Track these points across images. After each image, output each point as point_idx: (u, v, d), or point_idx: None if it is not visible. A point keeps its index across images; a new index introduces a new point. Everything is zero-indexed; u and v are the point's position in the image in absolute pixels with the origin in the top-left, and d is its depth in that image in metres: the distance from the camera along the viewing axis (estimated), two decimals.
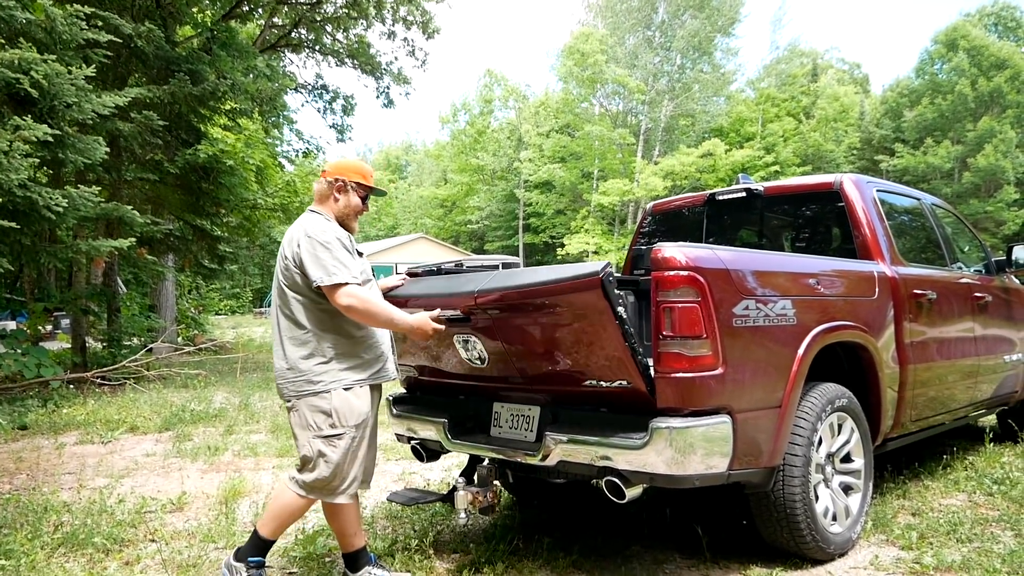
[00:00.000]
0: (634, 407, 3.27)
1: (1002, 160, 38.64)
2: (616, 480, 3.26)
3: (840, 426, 4.00)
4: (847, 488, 4.04)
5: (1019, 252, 5.89)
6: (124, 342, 13.58)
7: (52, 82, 7.87)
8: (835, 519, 3.88)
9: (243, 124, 16.17)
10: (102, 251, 9.14)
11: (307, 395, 3.37)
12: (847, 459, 4.05)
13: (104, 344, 13.63)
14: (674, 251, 3.24)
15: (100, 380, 10.92)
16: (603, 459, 3.28)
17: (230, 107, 13.32)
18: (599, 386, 3.39)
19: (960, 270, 5.53)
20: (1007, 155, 38.84)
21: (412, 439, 4.25)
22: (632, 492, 3.29)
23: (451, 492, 3.98)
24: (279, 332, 3.46)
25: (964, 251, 6.02)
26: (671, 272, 3.20)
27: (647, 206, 6.30)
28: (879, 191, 4.94)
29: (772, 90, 49.40)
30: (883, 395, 4.28)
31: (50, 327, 18.59)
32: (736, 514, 4.19)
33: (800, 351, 3.63)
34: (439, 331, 3.51)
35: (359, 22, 18.87)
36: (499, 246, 52.71)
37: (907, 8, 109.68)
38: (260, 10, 17.30)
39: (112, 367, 11.27)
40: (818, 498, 3.77)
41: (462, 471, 4.19)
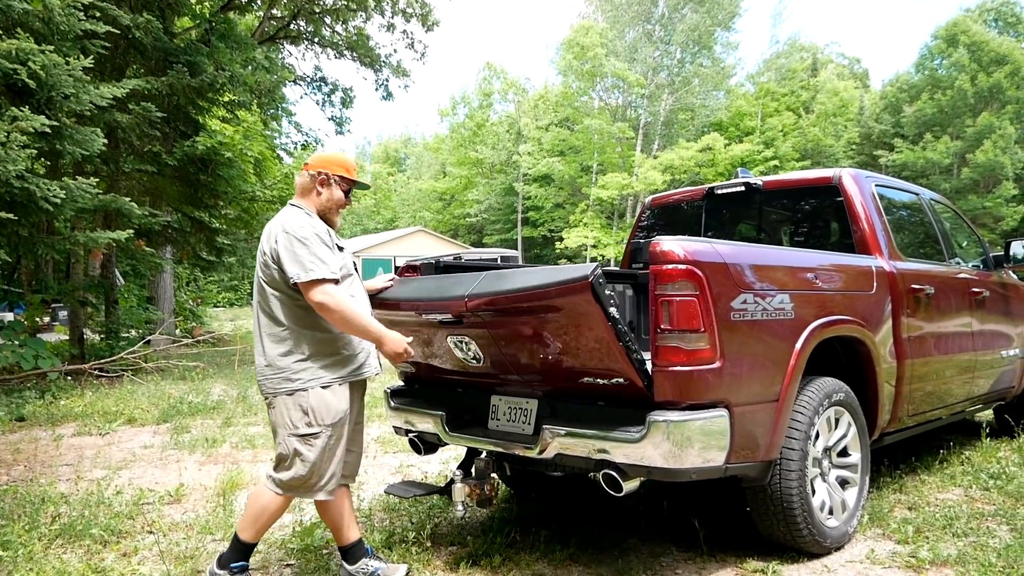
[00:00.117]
0: (631, 401, 3.27)
1: (1001, 156, 38.63)
2: (613, 473, 3.27)
3: (837, 420, 4.01)
4: (844, 482, 4.05)
5: (1017, 248, 5.90)
6: (122, 334, 13.57)
7: (50, 73, 7.85)
8: (832, 513, 3.89)
9: (241, 116, 16.16)
10: (100, 243, 9.13)
11: (284, 393, 3.33)
12: (844, 453, 4.06)
13: (102, 336, 13.63)
14: (672, 245, 3.23)
15: (98, 372, 10.91)
16: (600, 452, 3.28)
17: (228, 99, 13.30)
18: (596, 383, 3.39)
19: (958, 265, 5.53)
20: (1006, 151, 38.83)
21: (410, 432, 4.25)
22: (629, 485, 3.29)
23: (449, 485, 3.98)
24: (259, 328, 3.42)
25: (962, 246, 6.02)
26: (669, 266, 3.20)
27: (646, 200, 6.30)
28: (878, 186, 4.95)
29: (772, 84, 49.30)
30: (880, 390, 4.29)
31: (48, 319, 18.59)
32: (733, 507, 4.20)
33: (798, 345, 3.63)
34: (409, 355, 3.45)
35: (358, 14, 18.87)
36: (498, 239, 52.68)
37: (907, 3, 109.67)
38: (259, 1, 17.27)
39: (110, 359, 11.27)
40: (815, 492, 3.78)
41: (460, 464, 4.19)
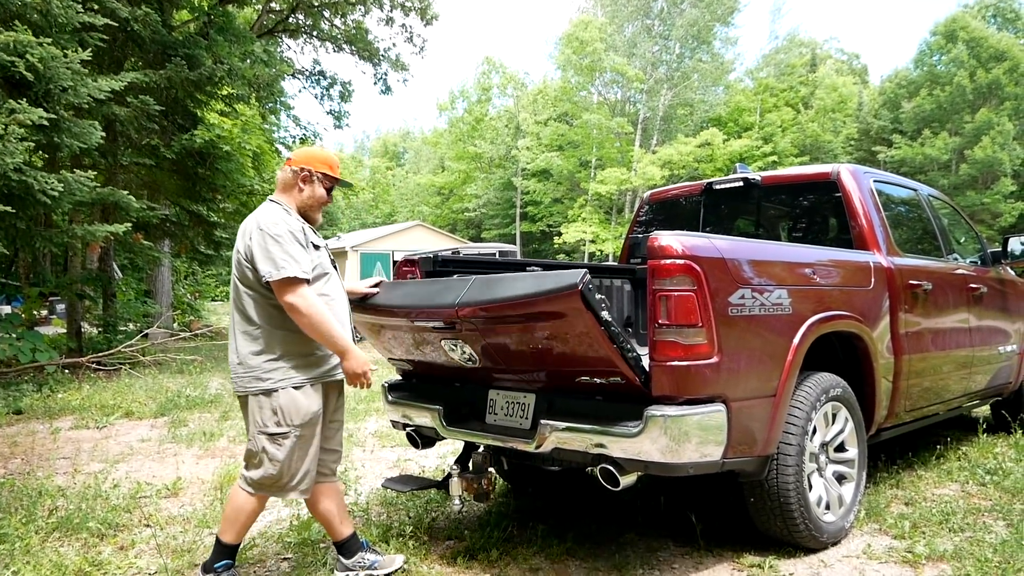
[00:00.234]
0: (629, 396, 3.27)
1: (999, 152, 38.57)
2: (611, 468, 3.26)
3: (834, 415, 4.01)
4: (841, 477, 4.06)
5: (1015, 243, 5.90)
6: (120, 327, 13.58)
7: (48, 66, 7.84)
8: (828, 508, 3.90)
9: (240, 110, 16.12)
10: (98, 236, 9.13)
11: (255, 392, 3.30)
12: (841, 448, 4.07)
13: (99, 329, 13.63)
14: (670, 239, 3.23)
15: (95, 365, 10.91)
16: (598, 447, 3.28)
17: (227, 92, 13.28)
18: (593, 381, 3.40)
19: (956, 261, 5.54)
20: (1004, 147, 38.77)
21: (407, 426, 4.25)
22: (626, 480, 3.29)
23: (446, 479, 3.99)
24: (233, 325, 3.38)
25: (960, 242, 6.02)
26: (667, 260, 3.20)
27: (644, 195, 6.29)
28: (876, 182, 4.94)
29: (771, 80, 49.24)
30: (877, 385, 4.30)
31: (45, 312, 18.60)
32: (730, 502, 4.20)
33: (795, 340, 3.64)
34: (368, 382, 3.38)
35: (357, 7, 18.82)
36: (496, 234, 52.58)
37: None
38: None
39: (107, 352, 11.27)
40: (812, 487, 3.79)
41: (457, 458, 4.19)
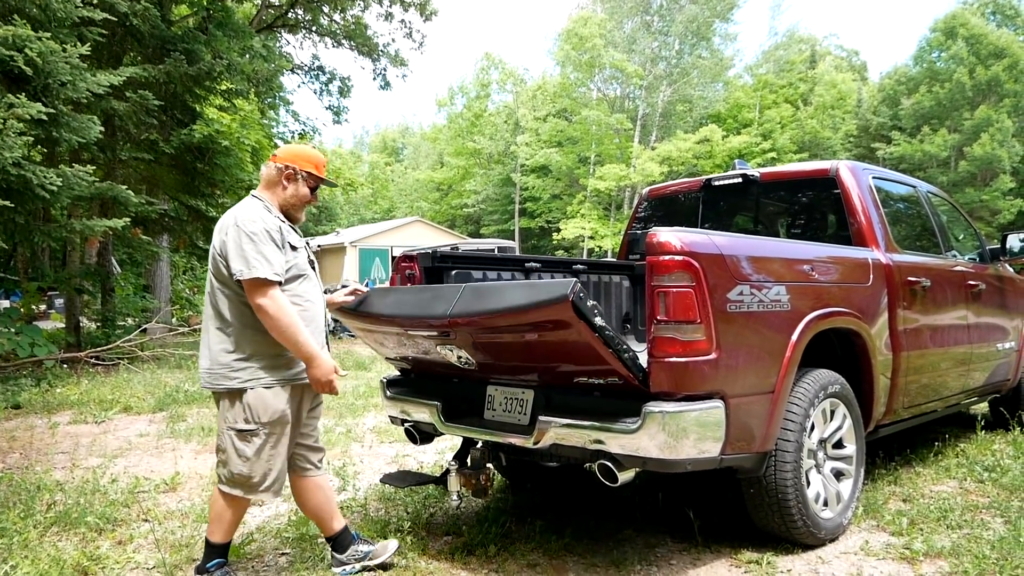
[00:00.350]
0: (627, 392, 3.27)
1: (998, 149, 38.56)
2: (609, 464, 3.27)
3: (832, 412, 4.01)
4: (838, 474, 4.06)
5: (1013, 240, 5.91)
6: (118, 322, 13.56)
7: (46, 60, 7.82)
8: (826, 505, 3.90)
9: (239, 105, 16.10)
10: (96, 231, 9.11)
11: (223, 390, 3.27)
12: (839, 445, 4.07)
13: (98, 324, 13.62)
14: (669, 236, 3.23)
15: (94, 360, 10.91)
16: (596, 443, 3.28)
17: (226, 87, 13.26)
18: (590, 381, 3.40)
19: (954, 258, 5.54)
20: (1003, 144, 38.77)
21: (406, 421, 4.25)
22: (625, 476, 3.30)
23: (444, 474, 3.99)
24: (206, 320, 3.35)
25: (959, 239, 6.02)
26: (666, 257, 3.20)
27: (643, 191, 6.29)
28: (875, 178, 4.94)
29: (770, 76, 49.22)
30: (876, 382, 4.30)
31: (44, 306, 18.57)
32: (728, 498, 4.21)
33: (794, 337, 3.64)
34: (334, 390, 3.35)
35: (356, 2, 18.80)
36: (495, 230, 52.59)
37: None
38: None
39: (106, 347, 11.26)
40: (810, 483, 3.79)
41: (455, 454, 4.20)
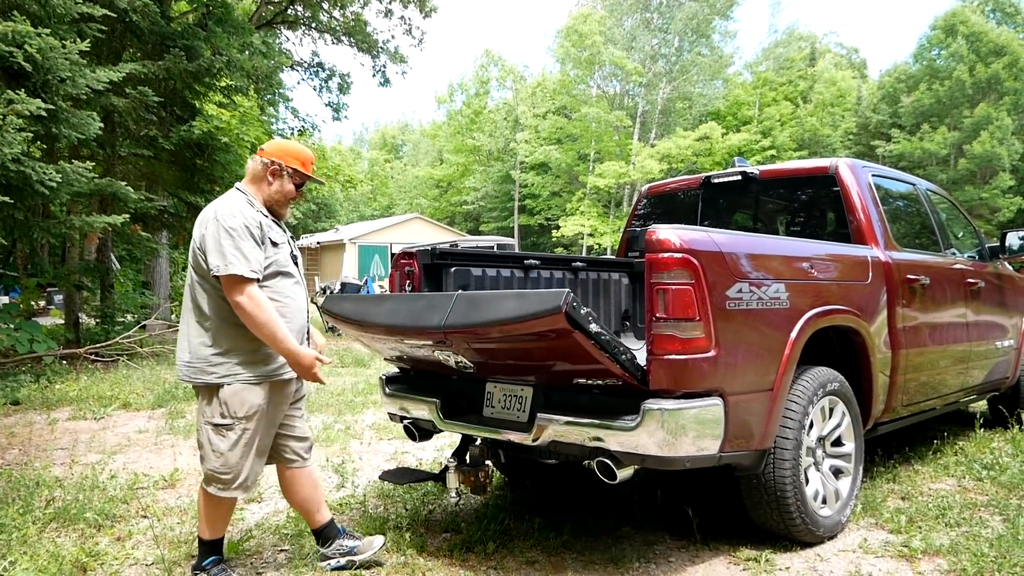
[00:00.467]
0: (626, 390, 3.27)
1: (998, 147, 38.57)
2: (608, 461, 3.27)
3: (831, 410, 4.02)
4: (837, 472, 4.06)
5: (1012, 238, 5.91)
6: (117, 318, 13.53)
7: (46, 56, 7.81)
8: (825, 502, 3.90)
9: (238, 101, 16.06)
10: (96, 227, 9.10)
11: (201, 384, 3.26)
12: (838, 443, 4.07)
13: (97, 320, 13.59)
14: (668, 233, 3.23)
15: (93, 356, 10.90)
16: (595, 440, 3.28)
17: (225, 84, 13.23)
18: (589, 382, 3.40)
19: (954, 256, 5.54)
20: (1003, 142, 38.78)
21: (405, 418, 4.24)
22: (623, 473, 3.30)
23: (443, 472, 3.99)
24: (185, 314, 3.33)
25: (958, 237, 6.02)
26: (665, 254, 3.20)
27: (642, 188, 6.29)
28: (874, 176, 4.94)
29: (770, 74, 49.18)
30: (875, 379, 4.30)
31: (43, 302, 18.55)
32: (727, 496, 4.21)
33: (793, 335, 3.64)
34: (320, 381, 3.34)
35: None
36: (494, 227, 52.61)
37: None
38: None
39: (105, 343, 11.25)
40: (808, 481, 3.79)
41: (454, 451, 4.19)
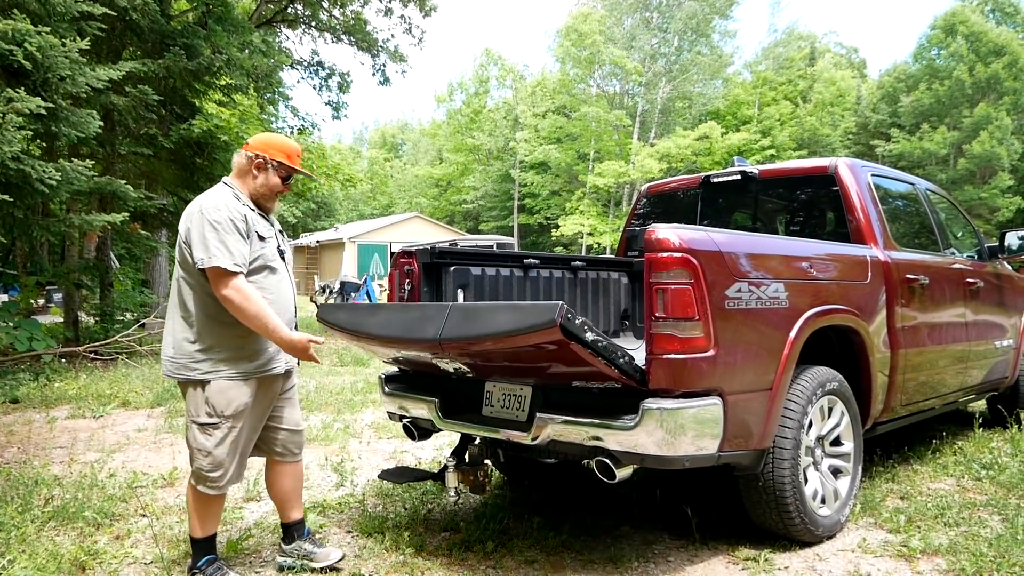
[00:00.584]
0: (625, 389, 3.27)
1: (997, 147, 38.58)
2: (607, 460, 3.27)
3: (830, 409, 4.02)
4: (836, 471, 4.06)
5: (1011, 238, 5.91)
6: (117, 317, 13.52)
7: (46, 54, 7.80)
8: (824, 502, 3.90)
9: (238, 100, 16.06)
10: (95, 225, 9.09)
11: (184, 380, 3.25)
12: (837, 442, 4.07)
13: (97, 318, 13.58)
14: (668, 233, 3.23)
15: (92, 354, 10.89)
16: (594, 439, 3.28)
17: (225, 82, 13.22)
18: (587, 384, 3.40)
19: (953, 255, 5.54)
20: (1002, 142, 38.79)
21: (404, 418, 4.24)
22: (622, 473, 3.29)
23: (442, 471, 3.99)
24: (170, 309, 3.32)
25: (957, 237, 6.03)
26: (664, 254, 3.20)
27: (642, 188, 6.29)
28: (874, 176, 4.94)
29: (769, 73, 49.18)
30: (874, 379, 4.30)
31: (42, 301, 18.56)
32: (726, 495, 4.21)
33: (792, 334, 3.64)
34: (315, 360, 3.35)
35: None
36: (494, 226, 52.62)
37: None
38: None
39: (104, 342, 11.24)
40: (807, 481, 3.79)
41: (453, 450, 4.19)
